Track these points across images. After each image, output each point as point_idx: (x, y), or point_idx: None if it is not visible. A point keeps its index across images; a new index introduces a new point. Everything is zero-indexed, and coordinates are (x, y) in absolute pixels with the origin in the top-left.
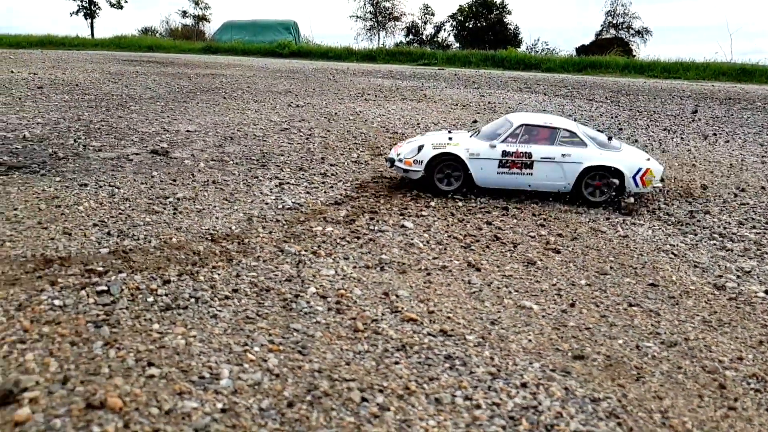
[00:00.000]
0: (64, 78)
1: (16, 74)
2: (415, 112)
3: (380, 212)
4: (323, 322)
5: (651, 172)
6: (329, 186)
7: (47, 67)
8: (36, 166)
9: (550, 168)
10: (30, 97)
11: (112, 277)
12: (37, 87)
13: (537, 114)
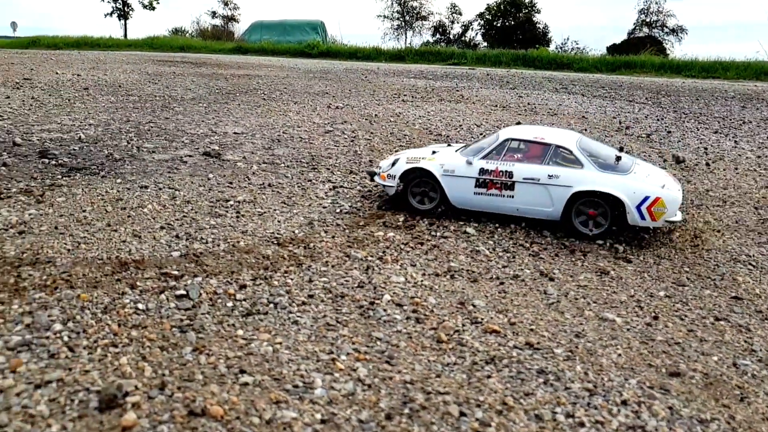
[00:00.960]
0: (107, 79)
1: (61, 75)
2: (455, 113)
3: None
4: (404, 332)
5: (662, 203)
6: (382, 189)
7: (87, 68)
8: (95, 168)
9: (535, 191)
10: (78, 98)
11: (188, 281)
12: (83, 88)
13: (535, 127)
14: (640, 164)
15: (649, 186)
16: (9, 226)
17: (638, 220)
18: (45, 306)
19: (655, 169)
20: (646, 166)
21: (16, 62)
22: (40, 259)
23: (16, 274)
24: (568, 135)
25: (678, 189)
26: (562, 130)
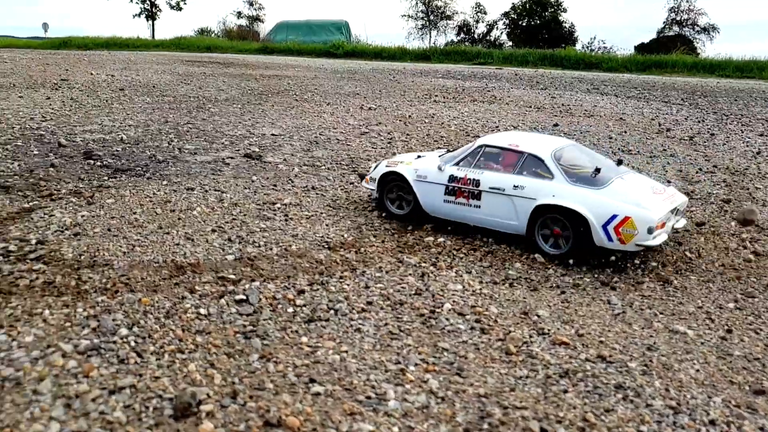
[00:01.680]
0: (140, 80)
1: (96, 76)
2: (489, 114)
3: None
4: (470, 342)
5: (631, 223)
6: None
7: (119, 68)
8: (140, 169)
9: (499, 202)
10: (115, 98)
11: (246, 286)
12: (119, 89)
13: (515, 133)
14: (626, 178)
15: (619, 203)
16: (64, 228)
17: (605, 240)
18: (108, 310)
19: (646, 183)
20: (633, 180)
21: (50, 63)
22: (97, 262)
23: (76, 277)
24: (546, 143)
25: (659, 209)
26: (546, 138)
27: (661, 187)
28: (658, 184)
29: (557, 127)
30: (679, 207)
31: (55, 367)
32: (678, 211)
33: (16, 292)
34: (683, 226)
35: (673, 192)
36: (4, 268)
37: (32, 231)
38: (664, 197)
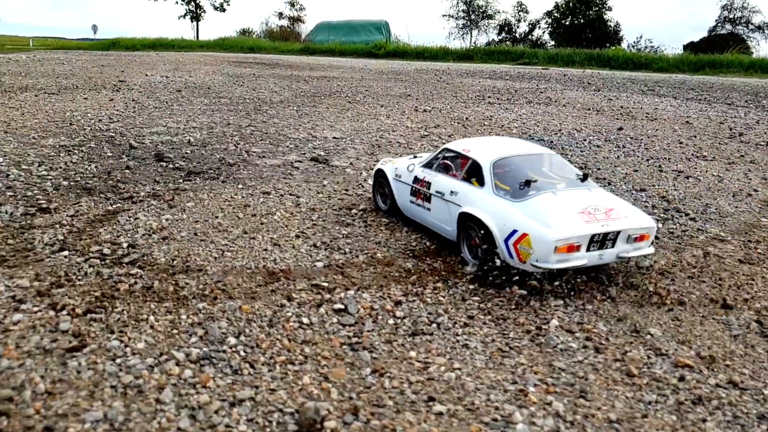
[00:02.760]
0: (194, 81)
1: (151, 77)
2: (549, 116)
3: None
4: (587, 362)
5: (527, 241)
6: None
7: (170, 69)
8: (212, 172)
9: (441, 206)
10: (174, 100)
11: (341, 295)
12: (176, 90)
13: (479, 138)
14: (559, 194)
15: (524, 218)
16: (151, 231)
17: (507, 256)
18: (212, 317)
19: (579, 202)
20: (566, 196)
21: (105, 64)
22: (191, 267)
23: (173, 282)
24: (499, 150)
25: (570, 231)
26: (511, 145)
27: (603, 209)
28: (604, 204)
29: (622, 130)
30: (622, 232)
31: (172, 376)
32: (630, 238)
33: (118, 296)
34: (640, 256)
35: (617, 216)
36: (103, 272)
37: (121, 234)
38: (591, 220)
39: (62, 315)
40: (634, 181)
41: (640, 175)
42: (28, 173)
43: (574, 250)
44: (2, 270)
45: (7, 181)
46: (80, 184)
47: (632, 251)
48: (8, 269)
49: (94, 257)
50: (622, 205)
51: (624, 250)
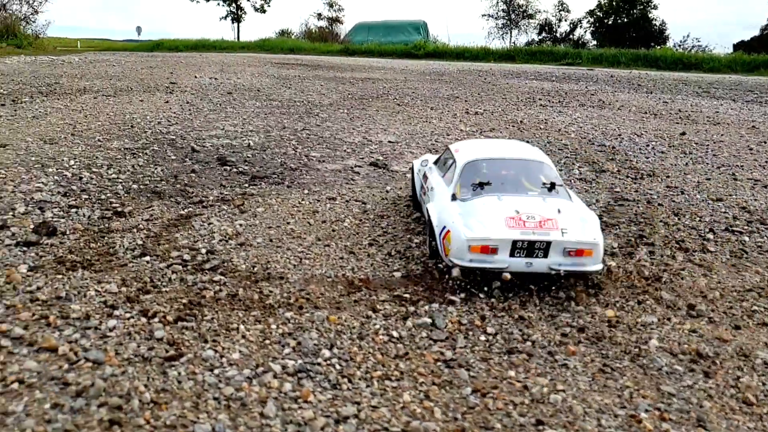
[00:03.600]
0: (242, 83)
1: (200, 79)
2: (605, 120)
3: (656, 244)
4: (697, 387)
5: (449, 237)
6: None
7: (216, 71)
8: (276, 177)
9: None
10: (227, 102)
11: (425, 307)
12: (227, 92)
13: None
14: (504, 198)
15: (455, 216)
16: (227, 237)
17: (441, 251)
18: (301, 327)
19: (513, 207)
20: (508, 201)
21: (153, 66)
22: (272, 275)
23: (258, 290)
24: (479, 151)
25: (488, 233)
26: (499, 147)
27: (540, 218)
28: (544, 214)
29: (685, 135)
30: (554, 244)
31: (272, 389)
32: (565, 252)
33: (205, 304)
34: (581, 271)
35: (552, 227)
36: (187, 279)
37: (198, 240)
38: (516, 226)
39: (154, 322)
40: (708, 191)
41: (713, 184)
42: (99, 176)
43: (489, 252)
44: (90, 274)
45: (81, 184)
46: (150, 188)
47: (570, 266)
48: (95, 273)
49: (175, 263)
50: (572, 217)
51: (557, 263)
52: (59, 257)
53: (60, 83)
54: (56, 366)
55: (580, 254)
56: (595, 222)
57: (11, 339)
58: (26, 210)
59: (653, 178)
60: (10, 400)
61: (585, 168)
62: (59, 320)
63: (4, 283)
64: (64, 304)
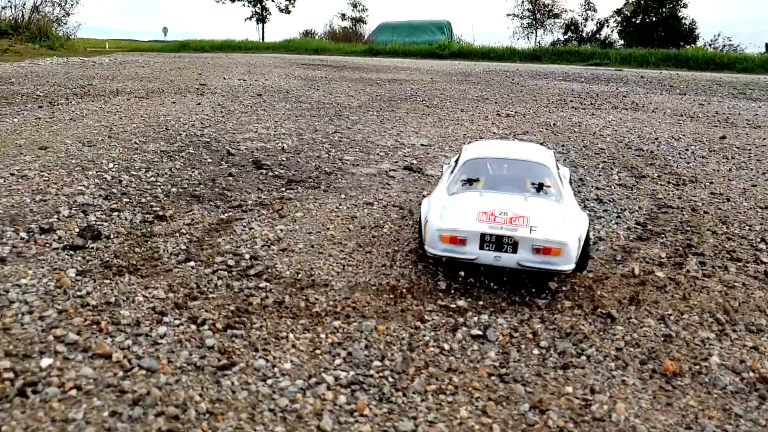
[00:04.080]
0: (270, 84)
1: (228, 81)
2: (640, 123)
3: (706, 254)
4: (764, 408)
5: (426, 227)
6: (615, 215)
7: (243, 72)
8: (312, 181)
9: None
10: (257, 104)
11: (474, 319)
12: (257, 94)
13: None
14: (486, 195)
15: (436, 208)
16: (269, 242)
17: (422, 240)
18: (350, 337)
19: (485, 204)
20: (486, 198)
21: (181, 67)
22: (316, 282)
23: (303, 298)
24: (483, 151)
25: (456, 224)
26: (503, 148)
27: (512, 215)
28: (518, 212)
29: (725, 139)
30: (521, 240)
31: (326, 401)
32: (533, 249)
33: (252, 311)
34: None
35: (521, 224)
36: (233, 285)
37: (241, 245)
38: (486, 221)
39: (204, 330)
40: (756, 198)
41: (760, 191)
42: (138, 179)
43: (458, 243)
44: (137, 279)
45: (121, 187)
46: (188, 191)
47: (538, 263)
48: (142, 279)
49: (220, 269)
50: (549, 217)
51: (526, 260)
52: (105, 262)
53: (93, 85)
54: (111, 373)
55: (548, 252)
56: (578, 224)
57: (66, 344)
58: (70, 213)
59: (696, 185)
60: (70, 406)
61: (624, 173)
62: (110, 326)
63: (54, 287)
64: (113, 309)
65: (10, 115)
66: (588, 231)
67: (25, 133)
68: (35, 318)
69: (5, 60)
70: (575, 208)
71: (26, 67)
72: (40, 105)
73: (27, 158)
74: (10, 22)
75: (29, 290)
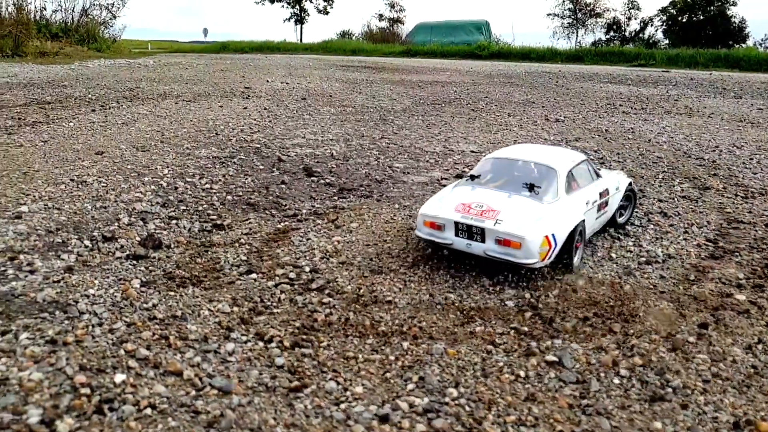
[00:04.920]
0: (313, 88)
1: (272, 83)
2: (696, 129)
3: None
4: None
5: (419, 215)
6: (682, 231)
7: (285, 74)
8: (363, 189)
9: None
10: (302, 109)
11: (547, 343)
12: (301, 98)
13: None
14: (478, 189)
15: (433, 198)
16: (327, 254)
17: None
18: (420, 360)
19: (472, 197)
20: (478, 192)
21: (224, 68)
22: (379, 298)
23: (368, 315)
24: (506, 152)
25: (437, 211)
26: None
27: (486, 207)
28: (492, 206)
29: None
30: (487, 231)
31: (403, 429)
32: (497, 241)
33: (318, 328)
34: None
35: (490, 217)
36: (297, 300)
37: (300, 257)
38: (461, 211)
39: (272, 347)
40: None
41: None
42: (193, 186)
43: (436, 228)
44: (201, 292)
45: (177, 194)
46: (243, 199)
47: (500, 254)
48: (205, 291)
49: (283, 282)
50: (522, 213)
51: (492, 250)
52: (168, 273)
53: (141, 87)
54: (183, 392)
55: (507, 244)
56: (553, 224)
57: (137, 360)
58: (130, 221)
59: (766, 197)
60: (147, 426)
61: (686, 184)
62: (179, 341)
63: (121, 299)
64: (180, 323)
65: (66, 119)
66: (578, 231)
67: (81, 137)
68: (105, 331)
69: (56, 62)
70: (567, 209)
71: (76, 69)
72: (93, 109)
73: (85, 163)
74: (60, 25)
75: (97, 301)
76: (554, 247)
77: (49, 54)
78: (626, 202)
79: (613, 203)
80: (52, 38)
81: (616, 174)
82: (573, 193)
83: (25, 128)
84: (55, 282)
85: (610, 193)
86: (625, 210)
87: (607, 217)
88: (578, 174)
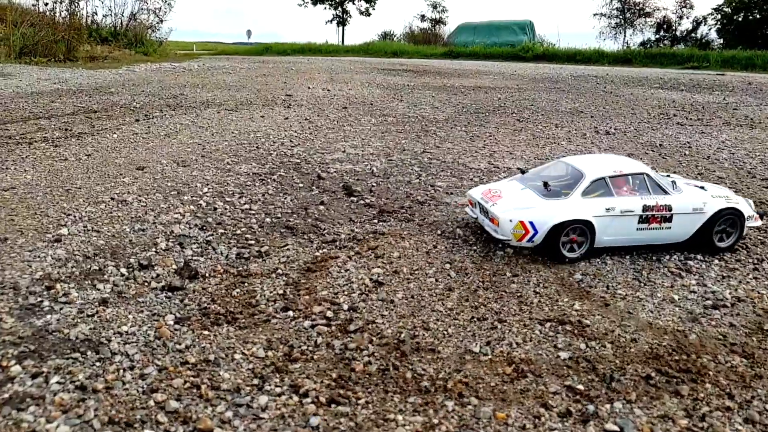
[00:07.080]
0: (354, 95)
1: (313, 90)
2: (761, 144)
3: None
4: None
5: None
6: (751, 267)
7: (326, 79)
8: (404, 212)
9: None
10: (343, 119)
11: (606, 406)
12: (342, 107)
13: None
14: (515, 182)
15: (480, 186)
16: (366, 290)
17: None
18: (466, 425)
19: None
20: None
21: (266, 74)
22: (421, 346)
23: (409, 366)
24: (570, 159)
25: (474, 194)
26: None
27: (498, 194)
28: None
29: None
30: (489, 211)
31: None
32: (490, 218)
33: (355, 380)
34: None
35: (493, 201)
36: (334, 344)
37: (338, 292)
38: (482, 194)
39: (307, 403)
40: None
41: None
42: (232, 206)
43: (469, 205)
44: (235, 332)
45: (216, 215)
46: (282, 222)
47: (492, 229)
48: (240, 331)
49: (320, 323)
50: (517, 201)
51: (487, 224)
52: (203, 308)
53: (184, 94)
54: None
55: (493, 222)
56: (536, 214)
57: (167, 413)
58: (167, 246)
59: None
60: None
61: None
62: (210, 391)
63: (154, 338)
64: (213, 370)
65: (110, 130)
66: (576, 228)
67: (124, 150)
68: (136, 376)
69: (105, 67)
70: (568, 207)
71: (123, 74)
72: (137, 118)
73: (126, 180)
74: (110, 29)
75: (130, 340)
76: (533, 233)
77: (98, 58)
78: (732, 229)
79: (683, 222)
80: (101, 42)
81: (710, 195)
82: (592, 198)
83: (71, 140)
84: (89, 317)
85: (673, 210)
86: (728, 236)
87: (668, 234)
88: (618, 183)
